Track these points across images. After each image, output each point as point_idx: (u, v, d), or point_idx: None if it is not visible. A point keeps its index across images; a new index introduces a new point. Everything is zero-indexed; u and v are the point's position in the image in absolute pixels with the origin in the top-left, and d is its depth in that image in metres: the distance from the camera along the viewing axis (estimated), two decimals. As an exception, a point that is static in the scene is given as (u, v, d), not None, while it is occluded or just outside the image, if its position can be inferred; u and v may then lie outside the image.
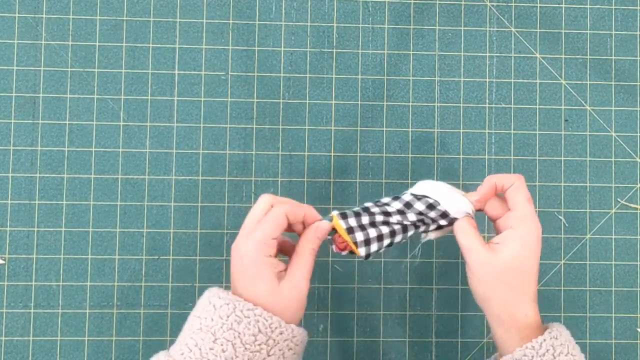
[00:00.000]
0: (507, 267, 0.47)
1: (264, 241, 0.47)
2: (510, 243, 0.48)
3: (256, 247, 0.47)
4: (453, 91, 0.63)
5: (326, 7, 0.63)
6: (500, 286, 0.47)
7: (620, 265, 0.62)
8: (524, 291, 0.48)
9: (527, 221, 0.48)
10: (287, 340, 0.46)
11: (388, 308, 0.61)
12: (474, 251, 0.48)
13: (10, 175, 0.60)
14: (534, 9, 0.64)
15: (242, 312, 0.45)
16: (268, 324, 0.45)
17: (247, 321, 0.45)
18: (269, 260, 0.47)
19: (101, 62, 0.61)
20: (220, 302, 0.46)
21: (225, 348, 0.44)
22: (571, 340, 0.48)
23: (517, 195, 0.49)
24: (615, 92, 0.63)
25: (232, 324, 0.45)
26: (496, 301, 0.48)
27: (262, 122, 0.62)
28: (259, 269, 0.47)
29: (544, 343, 0.46)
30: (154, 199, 0.60)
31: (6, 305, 0.59)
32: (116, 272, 0.60)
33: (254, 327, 0.45)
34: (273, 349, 0.45)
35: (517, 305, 0.47)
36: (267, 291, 0.46)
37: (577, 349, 0.48)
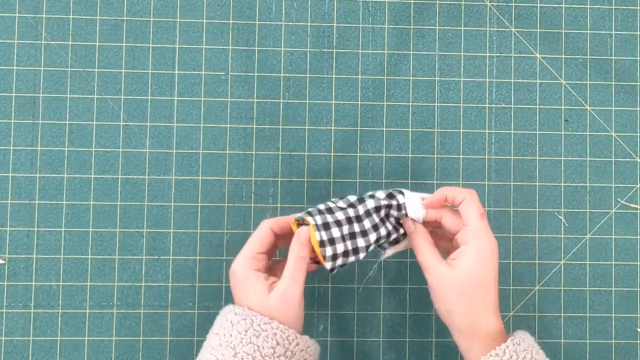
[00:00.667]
0: (465, 281, 0.49)
1: (250, 255, 0.50)
2: (466, 257, 0.49)
3: (244, 262, 0.50)
4: (453, 91, 0.63)
5: (326, 7, 0.63)
6: (459, 300, 0.49)
7: (620, 265, 0.62)
8: (484, 303, 0.49)
9: (481, 235, 0.50)
10: (303, 351, 0.48)
11: (388, 308, 0.61)
12: (432, 268, 0.50)
13: (10, 175, 0.60)
14: (534, 9, 0.64)
15: (259, 326, 0.47)
16: (285, 336, 0.47)
17: (265, 335, 0.47)
18: (256, 274, 0.49)
19: (101, 62, 0.61)
20: (237, 318, 0.48)
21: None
22: (534, 345, 0.50)
23: (468, 209, 0.51)
24: (615, 92, 0.63)
25: (250, 338, 0.47)
26: (457, 314, 0.49)
27: (262, 122, 0.62)
28: (248, 281, 0.49)
29: (507, 349, 0.48)
30: (154, 199, 0.60)
31: (6, 305, 0.59)
32: (116, 272, 0.60)
33: (272, 340, 0.47)
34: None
35: (477, 317, 0.49)
36: (257, 301, 0.48)
37: (542, 354, 0.50)
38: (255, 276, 0.49)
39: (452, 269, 0.49)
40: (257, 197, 0.61)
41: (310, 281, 0.61)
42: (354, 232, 0.51)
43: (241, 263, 0.50)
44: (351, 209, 0.52)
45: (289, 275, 0.49)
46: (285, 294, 0.49)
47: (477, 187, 0.62)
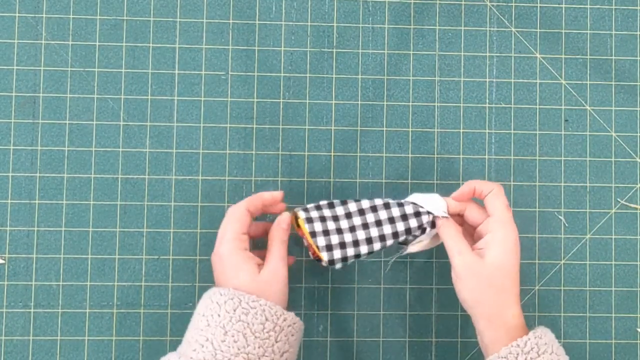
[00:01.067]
0: (493, 270, 0.50)
1: (235, 237, 0.51)
2: (494, 247, 0.50)
3: (230, 244, 0.51)
4: (453, 91, 0.63)
5: (326, 7, 0.63)
6: (488, 289, 0.50)
7: (620, 265, 0.62)
8: (510, 292, 0.50)
9: (507, 226, 0.51)
10: (290, 327, 0.49)
11: (388, 308, 0.61)
12: (463, 255, 0.51)
13: (10, 175, 0.60)
14: (534, 9, 0.64)
15: (247, 303, 0.48)
16: (273, 311, 0.48)
17: (254, 312, 0.48)
18: (245, 253, 0.51)
19: (101, 62, 0.61)
20: (224, 298, 0.48)
21: (236, 339, 0.47)
22: (555, 341, 0.51)
23: (496, 201, 0.52)
24: (615, 92, 0.63)
25: (240, 316, 0.48)
26: (486, 303, 0.50)
27: (262, 122, 0.62)
28: (238, 261, 0.51)
29: (529, 342, 0.48)
30: (154, 199, 0.60)
31: (6, 305, 0.59)
32: (116, 272, 0.60)
33: (261, 316, 0.48)
34: (279, 335, 0.48)
35: (505, 306, 0.50)
36: (248, 279, 0.50)
37: (562, 350, 0.51)
38: (245, 255, 0.51)
39: (481, 259, 0.50)
40: (257, 197, 0.61)
41: (310, 281, 0.61)
42: (353, 226, 0.53)
43: (227, 246, 0.51)
44: (353, 204, 0.54)
45: (277, 256, 0.52)
46: (276, 272, 0.51)
47: (477, 187, 0.62)
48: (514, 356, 0.48)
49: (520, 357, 0.48)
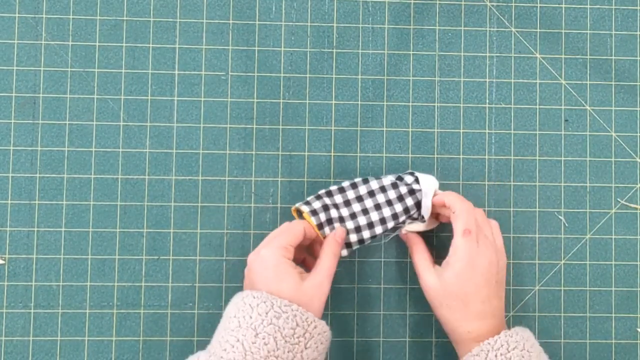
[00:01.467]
0: (444, 293, 0.53)
1: (284, 246, 0.52)
2: (447, 270, 0.54)
3: (277, 251, 0.51)
4: (453, 91, 0.63)
5: (326, 7, 0.63)
6: (442, 308, 0.54)
7: (620, 265, 0.62)
8: (463, 312, 0.53)
9: (459, 252, 0.53)
10: (320, 335, 0.50)
11: (388, 308, 0.61)
12: (421, 275, 0.55)
13: (10, 175, 0.60)
14: (534, 9, 0.64)
15: (280, 308, 0.49)
16: (304, 318, 0.49)
17: (285, 316, 0.48)
18: (289, 262, 0.52)
19: (101, 62, 0.61)
20: (256, 301, 0.49)
21: (267, 341, 0.47)
22: (530, 339, 0.53)
23: (455, 224, 0.54)
24: (615, 92, 0.63)
25: (271, 319, 0.48)
26: (444, 320, 0.54)
27: (262, 122, 0.62)
28: (282, 269, 0.51)
29: (499, 339, 0.51)
30: (154, 199, 0.60)
31: (6, 305, 0.59)
32: (116, 272, 0.60)
33: (292, 321, 0.48)
34: (309, 342, 0.49)
35: (458, 324, 0.53)
36: (291, 289, 0.50)
37: (537, 348, 0.52)
38: (288, 265, 0.51)
39: (437, 279, 0.54)
40: (257, 197, 0.61)
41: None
42: (354, 213, 0.56)
43: (274, 252, 0.51)
44: (351, 191, 0.57)
45: (326, 269, 0.52)
46: (321, 285, 0.51)
47: (477, 187, 0.62)
48: (485, 353, 0.50)
49: (491, 353, 0.50)
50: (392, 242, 0.61)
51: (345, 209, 0.56)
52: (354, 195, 0.57)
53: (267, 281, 0.51)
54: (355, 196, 0.57)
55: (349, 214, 0.56)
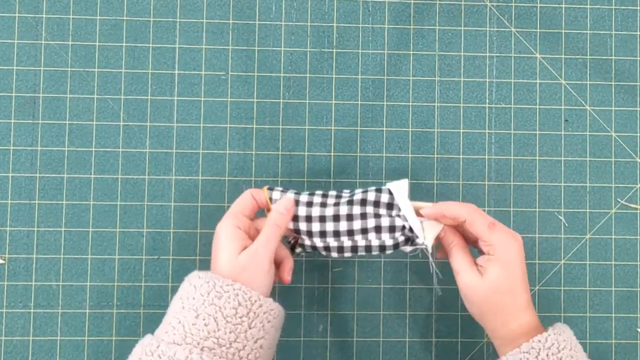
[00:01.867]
0: (492, 289, 0.50)
1: (233, 214, 0.51)
2: (491, 267, 0.50)
3: (225, 220, 0.50)
4: (453, 91, 0.63)
5: (326, 7, 0.63)
6: (489, 306, 0.50)
7: (620, 265, 0.62)
8: (514, 306, 0.50)
9: (498, 245, 0.50)
10: (266, 313, 0.48)
11: (388, 308, 0.61)
12: (462, 274, 0.51)
13: (10, 175, 0.60)
14: (534, 9, 0.64)
15: (221, 287, 0.47)
16: (247, 297, 0.47)
17: (227, 295, 0.47)
18: (236, 231, 0.50)
19: (101, 62, 0.61)
20: (200, 282, 0.48)
21: (207, 322, 0.46)
22: (573, 338, 0.51)
23: (477, 228, 0.51)
24: (615, 92, 0.63)
25: (212, 300, 0.47)
26: (489, 318, 0.51)
27: (262, 122, 0.62)
28: (223, 238, 0.50)
29: (549, 338, 0.48)
30: (154, 199, 0.60)
31: (6, 305, 0.59)
32: (116, 272, 0.60)
33: (233, 301, 0.47)
34: (254, 321, 0.47)
35: (509, 319, 0.50)
36: (226, 259, 0.49)
37: (579, 347, 0.50)
38: (232, 234, 0.50)
39: (480, 278, 0.50)
40: (257, 197, 0.61)
41: (310, 281, 0.61)
42: (324, 216, 0.52)
43: (224, 222, 0.50)
44: (332, 199, 0.52)
45: (263, 239, 0.50)
46: (255, 254, 0.49)
47: (477, 187, 0.62)
48: (536, 351, 0.48)
49: (542, 352, 0.48)
50: (392, 242, 0.61)
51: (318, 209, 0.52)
52: (332, 213, 0.52)
53: (214, 251, 0.50)
54: (333, 214, 0.52)
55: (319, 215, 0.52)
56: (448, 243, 0.53)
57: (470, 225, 0.51)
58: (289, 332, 0.60)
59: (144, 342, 0.47)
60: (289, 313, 0.60)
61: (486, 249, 0.51)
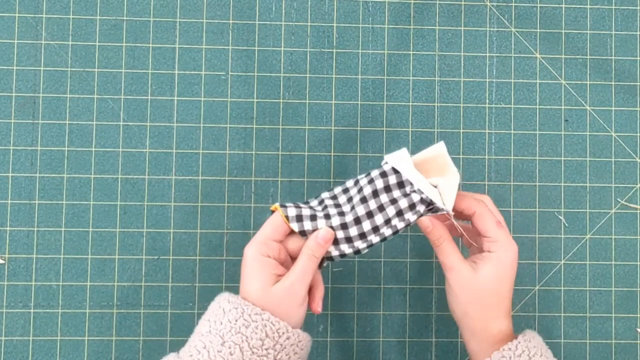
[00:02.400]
0: (484, 287, 0.49)
1: (262, 241, 0.49)
2: (488, 266, 0.49)
3: (255, 247, 0.48)
4: (453, 91, 0.63)
5: (326, 7, 0.63)
6: (477, 304, 0.50)
7: (620, 265, 0.62)
8: (498, 309, 0.50)
9: (501, 245, 0.50)
10: (293, 345, 0.47)
11: (388, 308, 0.61)
12: (455, 270, 0.50)
13: (10, 175, 0.60)
14: (534, 9, 0.64)
15: (250, 316, 0.46)
16: (275, 328, 0.46)
17: (254, 325, 0.46)
18: (266, 260, 0.48)
19: (101, 62, 0.61)
20: (229, 306, 0.47)
21: (232, 351, 0.45)
22: (543, 344, 0.51)
23: (485, 223, 0.50)
24: (615, 92, 0.63)
25: (240, 328, 0.46)
26: (473, 317, 0.50)
27: (262, 122, 0.62)
28: (255, 266, 0.48)
29: (519, 345, 0.48)
30: (154, 199, 0.60)
31: (6, 305, 0.59)
32: (116, 272, 0.60)
33: (261, 332, 0.46)
34: (280, 354, 0.46)
35: (491, 321, 0.50)
36: (259, 289, 0.47)
37: (550, 353, 0.50)
38: (263, 263, 0.48)
39: (473, 273, 0.49)
40: (257, 197, 0.61)
41: (310, 281, 0.61)
42: (345, 223, 0.50)
43: (252, 247, 0.49)
44: (344, 199, 0.51)
45: (299, 271, 0.48)
46: (292, 287, 0.48)
47: (477, 187, 0.62)
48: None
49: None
50: (392, 242, 0.61)
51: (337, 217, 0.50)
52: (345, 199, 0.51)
53: (243, 278, 0.49)
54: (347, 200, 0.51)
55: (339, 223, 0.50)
56: (437, 237, 0.51)
57: (479, 218, 0.50)
58: (289, 332, 0.60)
59: None
60: (289, 313, 0.60)
61: (487, 246, 0.50)
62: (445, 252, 0.51)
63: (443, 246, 0.51)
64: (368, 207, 0.50)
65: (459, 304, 0.50)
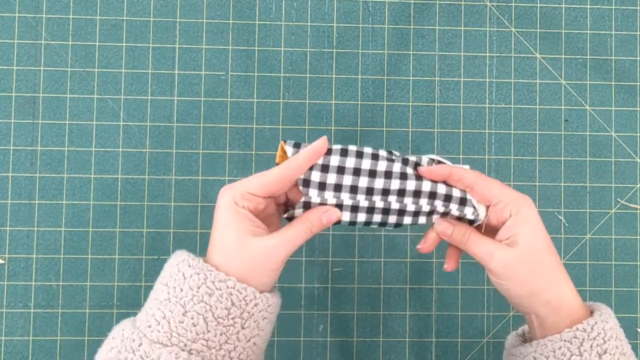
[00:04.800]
0: (532, 254, 0.44)
1: (240, 192, 0.43)
2: (521, 229, 0.45)
3: (232, 196, 0.43)
4: (453, 91, 0.63)
5: (326, 7, 0.63)
6: (537, 274, 0.44)
7: (620, 265, 0.62)
8: (559, 268, 0.45)
9: (519, 201, 0.45)
10: (262, 311, 0.43)
11: (388, 308, 0.61)
12: (496, 254, 0.45)
13: (10, 175, 0.60)
14: (534, 9, 0.64)
15: (213, 283, 0.41)
16: (242, 296, 0.42)
17: (219, 294, 0.41)
18: (242, 212, 0.43)
19: (101, 62, 0.61)
20: (190, 271, 0.42)
21: (196, 322, 0.41)
22: (618, 326, 0.45)
23: (491, 187, 0.45)
24: (615, 92, 0.63)
25: (203, 296, 0.41)
26: (541, 289, 0.44)
27: (262, 122, 0.62)
28: (230, 217, 0.43)
29: (596, 326, 0.43)
30: (154, 199, 0.60)
31: (6, 305, 0.59)
32: (116, 272, 0.60)
33: (226, 301, 0.41)
34: (248, 322, 0.42)
35: (558, 284, 0.44)
36: (233, 240, 0.42)
37: (624, 336, 0.45)
38: (239, 214, 0.43)
39: (514, 247, 0.44)
40: (257, 197, 0.61)
41: (310, 281, 0.61)
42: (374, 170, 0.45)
43: (229, 195, 0.43)
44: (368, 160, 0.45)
45: (289, 237, 0.43)
46: (274, 249, 0.42)
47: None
48: (579, 341, 0.42)
49: (586, 343, 0.42)
50: (392, 242, 0.61)
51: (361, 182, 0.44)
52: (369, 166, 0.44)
53: (215, 228, 0.43)
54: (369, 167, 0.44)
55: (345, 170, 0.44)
56: (462, 233, 0.46)
57: (482, 185, 0.45)
58: (289, 332, 0.60)
59: (124, 331, 0.42)
60: (289, 313, 0.60)
61: (504, 213, 0.45)
62: (476, 242, 0.46)
63: (472, 238, 0.46)
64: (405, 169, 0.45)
65: (520, 286, 0.44)
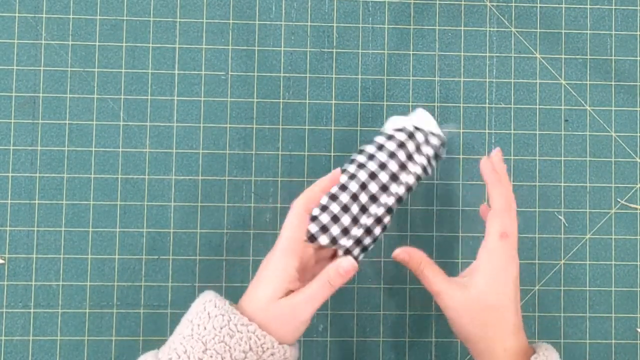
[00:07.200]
0: (476, 305, 0.46)
1: (292, 249, 0.47)
2: (476, 278, 0.47)
3: (281, 254, 0.47)
4: (453, 91, 0.63)
5: (326, 7, 0.63)
6: (473, 326, 0.47)
7: (620, 265, 0.62)
8: (500, 327, 0.47)
9: (494, 256, 0.47)
10: None
11: (388, 308, 0.61)
12: (443, 294, 0.47)
13: (10, 175, 0.60)
14: (534, 9, 0.64)
15: (235, 326, 0.44)
16: (260, 343, 0.44)
17: (239, 336, 0.44)
18: (288, 273, 0.46)
19: (101, 62, 0.61)
20: (215, 312, 0.45)
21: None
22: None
23: (491, 225, 0.48)
24: (615, 92, 0.63)
25: (224, 337, 0.44)
26: (475, 339, 0.47)
27: (262, 122, 0.62)
28: (268, 273, 0.47)
29: None
30: (154, 199, 0.60)
31: (6, 305, 0.59)
32: (116, 272, 0.60)
33: (245, 344, 0.44)
34: None
35: (494, 342, 0.46)
36: (262, 298, 0.46)
37: None
38: (279, 271, 0.47)
39: (463, 292, 0.47)
40: (257, 197, 0.61)
41: (310, 281, 0.61)
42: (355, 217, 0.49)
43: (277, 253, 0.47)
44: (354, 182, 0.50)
45: (309, 294, 0.46)
46: (295, 307, 0.46)
47: (477, 188, 0.62)
48: None
49: None
50: (392, 243, 0.61)
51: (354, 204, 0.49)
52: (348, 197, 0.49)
53: (254, 281, 0.47)
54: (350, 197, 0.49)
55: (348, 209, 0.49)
56: (417, 263, 0.49)
57: (491, 218, 0.48)
58: (289, 332, 0.60)
59: None
60: (289, 313, 0.60)
61: (479, 254, 0.48)
62: (427, 277, 0.48)
63: (425, 271, 0.49)
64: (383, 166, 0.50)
65: (457, 328, 0.48)
